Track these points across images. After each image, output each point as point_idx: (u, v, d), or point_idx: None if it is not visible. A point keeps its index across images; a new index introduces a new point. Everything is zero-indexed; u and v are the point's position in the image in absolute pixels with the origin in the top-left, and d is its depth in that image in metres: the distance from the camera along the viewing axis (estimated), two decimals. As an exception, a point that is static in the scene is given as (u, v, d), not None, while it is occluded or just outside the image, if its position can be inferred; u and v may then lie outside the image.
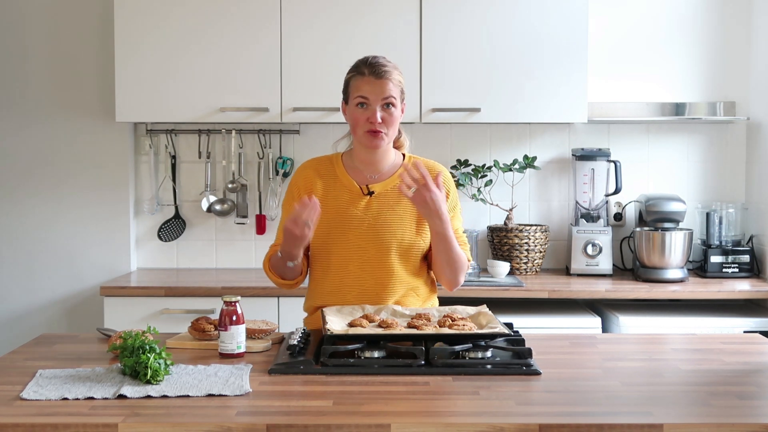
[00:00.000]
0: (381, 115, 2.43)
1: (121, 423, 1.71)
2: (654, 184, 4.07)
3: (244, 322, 2.24)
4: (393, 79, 2.44)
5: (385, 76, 2.43)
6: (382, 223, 2.49)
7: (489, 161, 4.05)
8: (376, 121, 2.42)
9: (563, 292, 3.55)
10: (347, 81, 2.50)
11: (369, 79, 2.43)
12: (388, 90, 2.43)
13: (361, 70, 2.46)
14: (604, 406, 1.85)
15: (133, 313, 3.54)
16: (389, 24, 3.71)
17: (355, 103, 2.45)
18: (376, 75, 2.43)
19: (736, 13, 4.01)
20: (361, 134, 2.46)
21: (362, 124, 2.44)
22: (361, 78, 2.44)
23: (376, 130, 2.43)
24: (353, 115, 2.46)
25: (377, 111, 2.42)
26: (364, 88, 2.43)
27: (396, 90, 2.45)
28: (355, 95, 2.45)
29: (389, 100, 2.43)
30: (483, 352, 2.15)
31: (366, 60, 2.47)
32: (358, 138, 2.48)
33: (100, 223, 4.04)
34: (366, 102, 2.43)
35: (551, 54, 3.72)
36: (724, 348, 2.38)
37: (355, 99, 2.45)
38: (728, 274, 3.77)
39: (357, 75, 2.46)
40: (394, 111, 2.45)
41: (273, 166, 4.05)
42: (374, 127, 2.43)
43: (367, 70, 2.44)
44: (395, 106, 2.45)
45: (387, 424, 1.71)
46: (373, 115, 2.42)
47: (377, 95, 2.42)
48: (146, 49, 3.74)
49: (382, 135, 2.45)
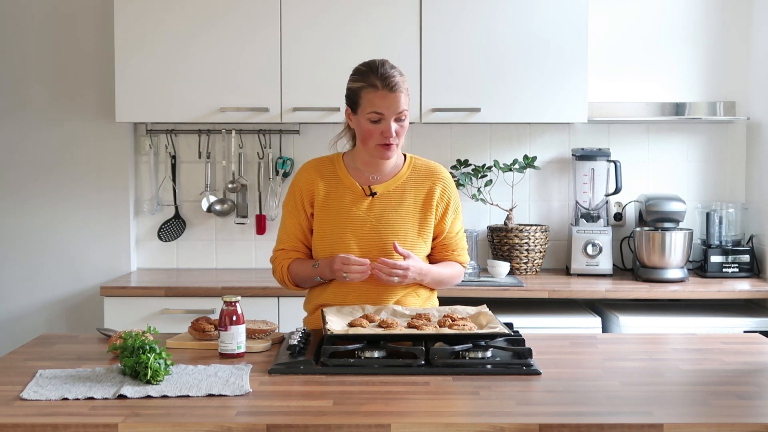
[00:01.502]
0: (395, 129, 2.42)
1: (121, 423, 1.71)
2: (654, 184, 4.07)
3: (244, 322, 2.24)
4: (404, 89, 2.41)
5: (398, 89, 2.39)
6: (384, 224, 2.49)
7: (489, 161, 4.05)
8: (391, 136, 2.41)
9: (563, 292, 3.55)
10: (356, 91, 2.43)
11: (383, 94, 2.38)
12: (401, 104, 2.40)
13: (372, 82, 2.39)
14: (604, 406, 1.85)
15: (133, 313, 3.54)
16: (389, 24, 3.71)
17: (368, 117, 2.41)
18: (389, 89, 2.38)
19: (736, 13, 4.01)
20: (373, 147, 2.44)
21: (375, 138, 2.42)
22: (374, 92, 2.39)
23: (391, 144, 2.43)
24: (366, 128, 2.42)
25: (392, 126, 2.40)
26: (378, 104, 2.39)
27: (407, 100, 2.43)
28: (369, 110, 2.40)
29: (403, 114, 2.42)
30: (483, 352, 2.15)
31: (375, 69, 2.41)
32: (369, 150, 2.46)
33: (101, 223, 4.04)
34: (381, 117, 2.40)
35: (551, 54, 3.71)
36: (724, 348, 2.38)
37: (368, 114, 2.40)
38: (728, 274, 3.77)
39: (369, 88, 2.40)
40: (406, 123, 2.45)
41: (273, 166, 4.05)
42: (388, 141, 2.42)
43: (380, 83, 2.38)
44: (407, 117, 2.44)
45: (387, 424, 1.71)
46: (388, 131, 2.40)
47: (392, 111, 2.39)
48: (146, 49, 3.74)
49: (394, 147, 2.45)
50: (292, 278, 2.56)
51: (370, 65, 2.43)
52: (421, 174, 2.56)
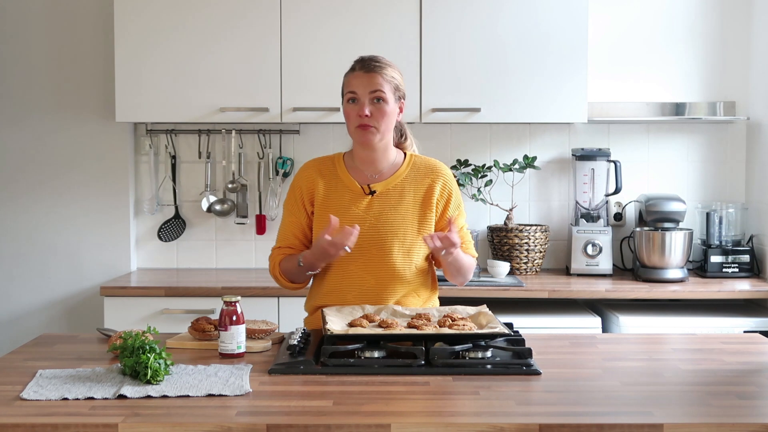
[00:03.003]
0: (369, 109, 2.43)
1: (121, 423, 1.71)
2: (654, 184, 4.07)
3: (244, 322, 2.24)
4: (384, 74, 2.45)
5: (375, 71, 2.44)
6: (383, 222, 2.49)
7: (489, 161, 4.05)
8: (364, 114, 2.42)
9: (563, 292, 3.55)
10: (343, 80, 2.52)
11: (358, 74, 2.46)
12: (376, 84, 2.43)
13: (353, 66, 2.49)
14: (604, 406, 1.85)
15: (133, 313, 3.54)
16: (389, 24, 3.71)
17: (346, 99, 2.48)
18: (365, 69, 2.45)
19: (736, 13, 4.01)
20: (353, 130, 2.48)
21: (353, 119, 2.46)
22: (352, 74, 2.48)
23: (366, 124, 2.43)
24: (345, 110, 2.48)
25: (366, 105, 2.43)
26: (353, 83, 2.46)
27: (387, 85, 2.44)
28: (346, 91, 2.48)
29: (378, 94, 2.43)
30: (483, 352, 2.15)
31: (361, 58, 2.50)
32: (351, 134, 2.50)
33: (100, 223, 4.04)
34: (355, 96, 2.45)
35: (551, 54, 3.71)
36: (724, 348, 2.39)
37: (346, 95, 2.48)
38: (728, 274, 3.77)
39: (349, 73, 2.50)
40: (384, 106, 2.44)
41: (273, 166, 4.05)
42: (363, 120, 2.43)
43: (358, 65, 2.47)
44: (386, 101, 2.44)
45: (387, 424, 1.71)
46: (362, 108, 2.43)
47: (365, 88, 2.43)
48: (146, 49, 3.74)
49: (372, 129, 2.44)
50: (282, 272, 2.57)
51: (360, 57, 2.52)
52: (421, 171, 2.57)
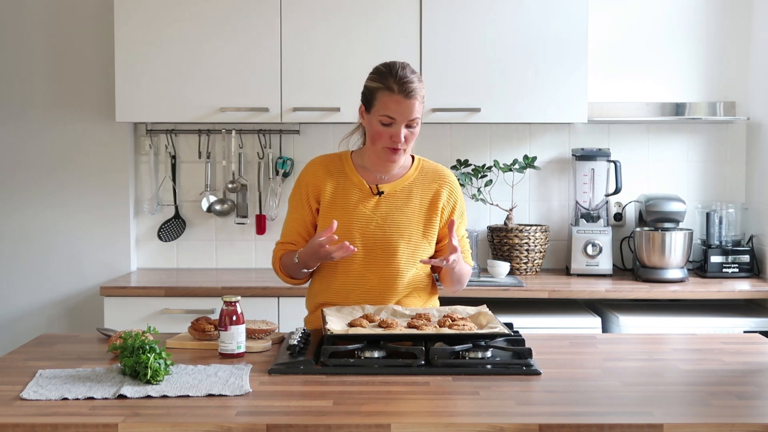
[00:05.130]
0: (404, 134, 2.42)
1: (121, 423, 1.71)
2: (654, 184, 4.07)
3: (244, 322, 2.24)
4: (419, 96, 2.40)
5: (413, 96, 2.38)
6: (390, 223, 2.50)
7: (489, 161, 4.05)
8: (400, 141, 2.41)
9: (563, 292, 3.55)
10: (372, 91, 2.42)
11: (398, 99, 2.38)
12: (415, 111, 2.40)
13: (389, 85, 2.38)
14: (604, 406, 1.85)
15: (133, 313, 3.54)
16: (390, 24, 3.71)
17: (380, 119, 2.41)
18: (405, 94, 2.37)
19: (736, 13, 4.01)
20: (381, 149, 2.45)
21: (384, 140, 2.43)
22: (390, 95, 2.38)
23: (398, 148, 2.43)
24: (376, 129, 2.43)
25: (401, 131, 2.41)
26: (391, 108, 2.38)
27: (421, 107, 2.42)
28: (382, 113, 2.40)
29: (415, 121, 2.42)
30: (483, 352, 2.15)
31: (394, 72, 2.40)
32: (377, 151, 2.47)
33: (101, 223, 4.04)
34: (393, 122, 2.40)
35: (551, 54, 3.72)
36: (724, 348, 2.39)
37: (380, 116, 2.40)
38: (728, 274, 3.77)
39: (385, 90, 2.39)
40: (416, 129, 2.44)
41: (273, 166, 4.05)
42: (396, 145, 2.42)
43: (397, 87, 2.37)
44: (418, 123, 2.44)
45: (387, 424, 1.71)
46: (397, 135, 2.40)
47: (404, 117, 2.39)
48: (146, 49, 3.74)
49: (401, 152, 2.45)
50: (282, 268, 2.57)
51: (391, 67, 2.42)
52: (429, 176, 2.57)
